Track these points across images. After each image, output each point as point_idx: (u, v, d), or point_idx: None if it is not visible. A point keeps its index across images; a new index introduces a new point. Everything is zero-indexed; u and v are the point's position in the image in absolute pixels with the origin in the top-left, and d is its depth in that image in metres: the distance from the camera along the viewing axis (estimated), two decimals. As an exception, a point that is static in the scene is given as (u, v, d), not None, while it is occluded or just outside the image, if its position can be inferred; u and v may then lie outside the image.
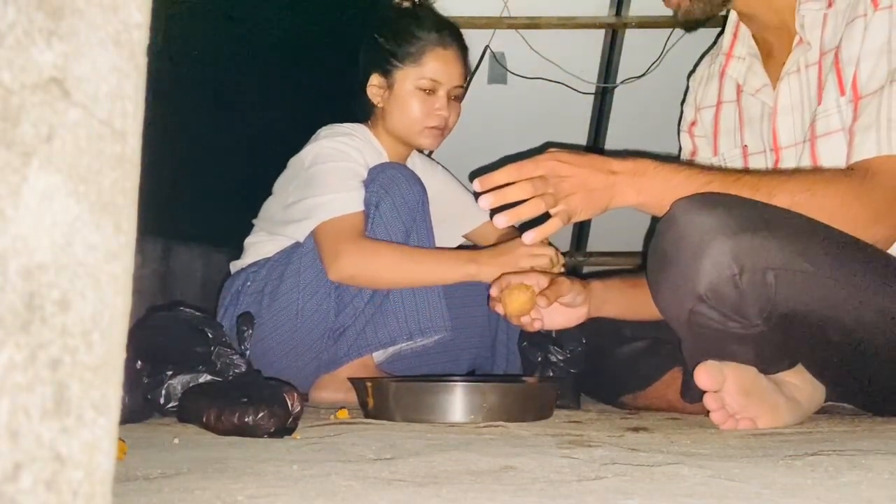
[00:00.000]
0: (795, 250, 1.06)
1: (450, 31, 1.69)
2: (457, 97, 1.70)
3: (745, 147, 1.43)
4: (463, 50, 1.71)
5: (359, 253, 1.52)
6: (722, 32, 1.49)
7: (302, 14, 2.59)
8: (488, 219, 1.82)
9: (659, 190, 1.13)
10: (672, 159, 1.20)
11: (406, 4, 1.76)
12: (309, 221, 1.57)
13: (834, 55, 1.25)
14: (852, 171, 1.18)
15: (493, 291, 1.40)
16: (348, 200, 1.57)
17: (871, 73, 1.19)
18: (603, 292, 1.44)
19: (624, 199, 1.14)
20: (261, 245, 1.68)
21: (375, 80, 1.69)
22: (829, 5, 1.28)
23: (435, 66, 1.65)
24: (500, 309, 1.38)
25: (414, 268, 1.54)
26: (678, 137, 1.60)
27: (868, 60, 1.20)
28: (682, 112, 1.61)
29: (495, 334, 1.74)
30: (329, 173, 1.60)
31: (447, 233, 1.78)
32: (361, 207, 1.57)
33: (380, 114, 1.71)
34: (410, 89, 1.66)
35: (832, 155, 1.25)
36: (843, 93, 1.23)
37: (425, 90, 1.65)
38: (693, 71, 1.59)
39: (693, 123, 1.56)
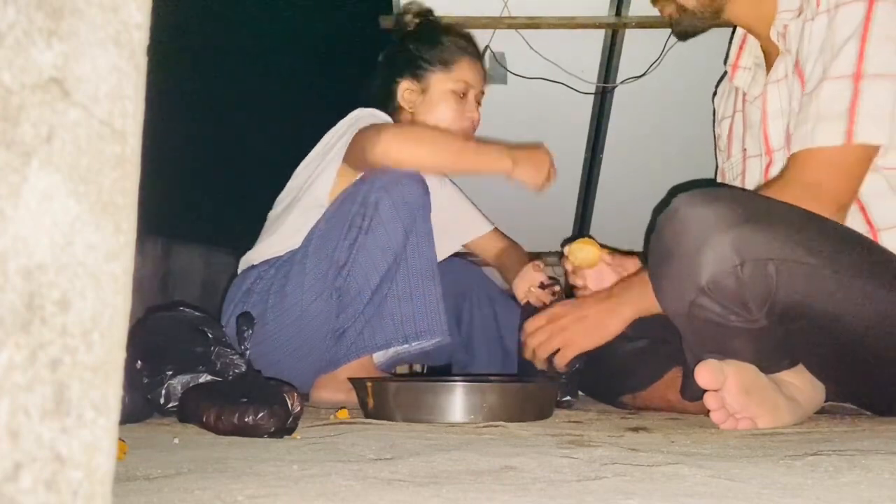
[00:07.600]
0: (797, 243, 1.07)
1: (470, 40, 1.80)
2: (479, 101, 1.79)
3: (744, 150, 1.46)
4: (481, 57, 1.82)
5: (399, 133, 1.58)
6: (731, 37, 1.50)
7: (303, 16, 2.59)
8: (489, 230, 1.94)
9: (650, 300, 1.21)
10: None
11: (411, 7, 1.80)
12: (349, 133, 1.59)
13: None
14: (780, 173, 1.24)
15: (565, 250, 1.51)
16: (385, 117, 1.65)
17: (811, 74, 1.23)
18: None
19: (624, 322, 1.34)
20: (272, 243, 1.66)
21: (406, 84, 1.75)
22: (799, 13, 1.30)
23: (466, 70, 1.75)
24: (568, 265, 1.49)
25: (454, 152, 1.57)
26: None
27: (809, 62, 1.24)
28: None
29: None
30: (371, 114, 1.66)
31: (448, 242, 1.84)
32: None
33: (406, 118, 1.75)
34: (445, 92, 1.74)
35: None
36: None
37: (459, 93, 1.74)
38: (715, 92, 1.62)
39: (718, 137, 1.59)
